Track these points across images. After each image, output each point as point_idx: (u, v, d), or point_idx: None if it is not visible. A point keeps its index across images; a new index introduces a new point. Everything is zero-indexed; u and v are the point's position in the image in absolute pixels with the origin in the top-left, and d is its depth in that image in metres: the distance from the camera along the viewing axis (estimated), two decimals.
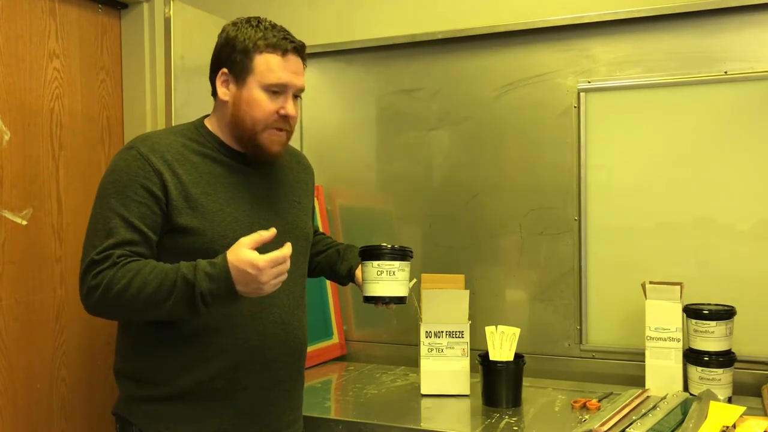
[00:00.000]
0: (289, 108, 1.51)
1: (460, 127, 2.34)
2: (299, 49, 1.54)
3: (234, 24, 1.54)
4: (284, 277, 1.38)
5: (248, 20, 1.54)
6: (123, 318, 1.52)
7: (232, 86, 1.53)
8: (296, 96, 1.55)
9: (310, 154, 1.97)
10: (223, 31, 1.55)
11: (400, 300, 1.59)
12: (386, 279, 1.56)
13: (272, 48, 1.50)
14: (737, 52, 2.03)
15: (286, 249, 1.36)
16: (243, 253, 1.34)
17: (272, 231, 1.38)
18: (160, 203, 1.45)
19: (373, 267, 1.57)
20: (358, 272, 1.70)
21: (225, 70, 1.53)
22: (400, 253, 1.59)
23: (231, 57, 1.52)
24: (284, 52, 1.50)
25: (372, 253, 1.59)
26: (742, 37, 2.02)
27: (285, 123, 1.53)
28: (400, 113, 2.43)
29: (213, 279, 1.35)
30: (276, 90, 1.50)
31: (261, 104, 1.50)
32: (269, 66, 1.49)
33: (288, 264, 1.37)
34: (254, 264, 1.32)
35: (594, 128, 2.17)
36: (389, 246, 1.59)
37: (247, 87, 1.50)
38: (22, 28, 2.06)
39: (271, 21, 1.55)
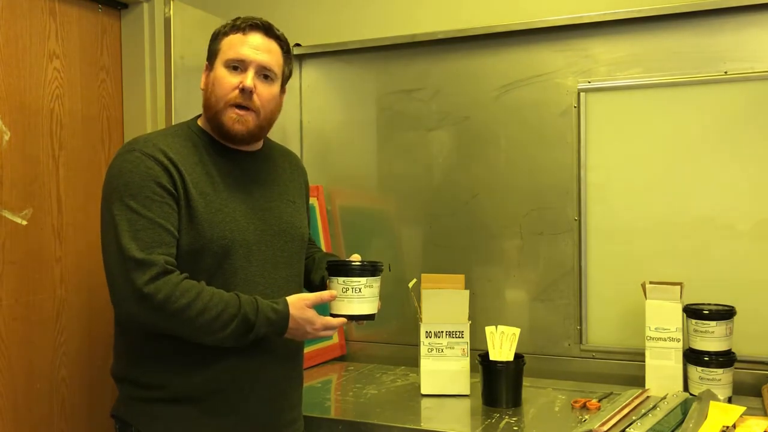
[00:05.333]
0: (247, 80, 1.49)
1: (460, 127, 2.34)
2: (260, 26, 1.54)
3: None
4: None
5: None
6: (163, 331, 1.43)
7: (208, 74, 1.56)
8: (266, 76, 1.53)
9: (310, 154, 1.97)
10: None
11: (365, 318, 1.56)
12: (351, 296, 1.53)
13: (236, 29, 1.53)
14: (737, 52, 2.03)
15: (337, 321, 1.53)
16: (306, 309, 1.49)
17: (331, 292, 1.54)
18: (175, 199, 1.44)
19: (339, 283, 1.54)
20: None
21: (207, 63, 1.58)
22: (369, 269, 1.55)
23: (209, 48, 1.57)
24: (245, 30, 1.53)
25: (337, 268, 1.55)
26: (742, 37, 2.02)
27: (246, 99, 1.50)
28: (400, 113, 2.43)
29: (272, 324, 1.45)
30: (236, 65, 1.51)
31: (222, 80, 1.51)
32: (230, 44, 1.53)
33: (332, 333, 1.56)
34: (312, 323, 1.49)
35: (594, 128, 2.18)
36: (357, 262, 1.56)
37: (214, 69, 1.54)
38: (22, 29, 2.06)
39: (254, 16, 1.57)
